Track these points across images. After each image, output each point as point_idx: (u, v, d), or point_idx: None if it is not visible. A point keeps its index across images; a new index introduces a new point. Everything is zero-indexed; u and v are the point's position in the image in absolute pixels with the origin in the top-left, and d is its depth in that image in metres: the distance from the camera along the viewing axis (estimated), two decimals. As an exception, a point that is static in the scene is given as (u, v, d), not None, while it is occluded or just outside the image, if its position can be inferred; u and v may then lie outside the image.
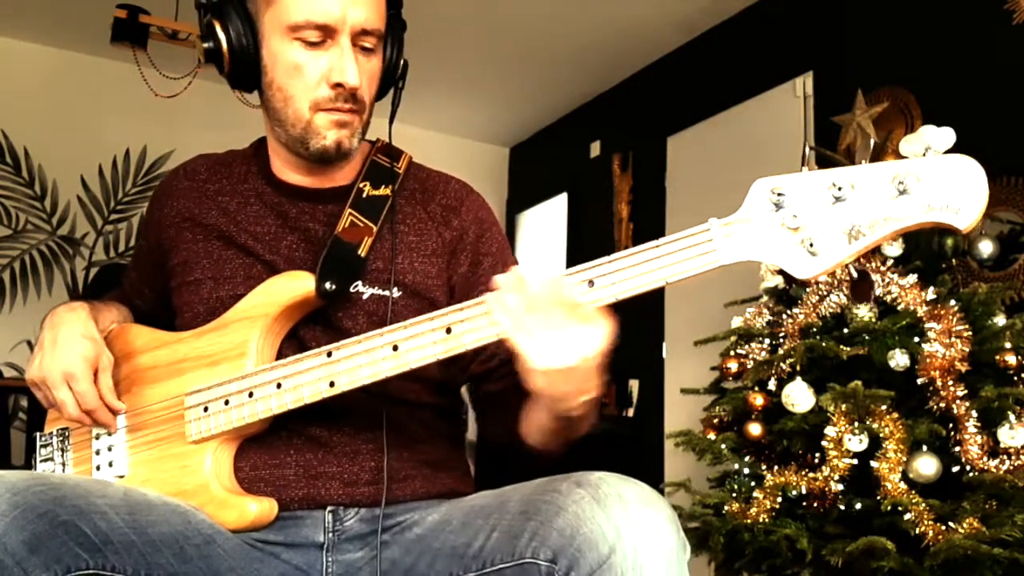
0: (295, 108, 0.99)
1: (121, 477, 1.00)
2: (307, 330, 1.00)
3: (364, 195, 1.04)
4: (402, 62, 1.07)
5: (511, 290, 0.78)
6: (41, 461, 1.09)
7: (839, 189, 0.70)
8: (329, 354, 0.90)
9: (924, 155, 0.58)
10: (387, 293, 1.00)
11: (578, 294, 0.77)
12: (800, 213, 0.71)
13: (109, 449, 1.02)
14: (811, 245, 0.71)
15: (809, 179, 0.72)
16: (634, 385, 4.20)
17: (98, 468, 1.02)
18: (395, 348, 0.86)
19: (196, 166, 1.13)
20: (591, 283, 0.78)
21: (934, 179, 0.68)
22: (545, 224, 5.37)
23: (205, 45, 1.00)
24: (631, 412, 4.17)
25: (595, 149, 4.88)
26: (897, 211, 0.69)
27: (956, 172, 0.67)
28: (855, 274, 0.70)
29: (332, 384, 0.89)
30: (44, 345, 0.99)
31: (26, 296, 4.44)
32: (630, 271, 0.77)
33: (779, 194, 0.72)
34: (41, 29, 4.37)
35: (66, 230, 4.57)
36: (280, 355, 0.97)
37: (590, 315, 0.77)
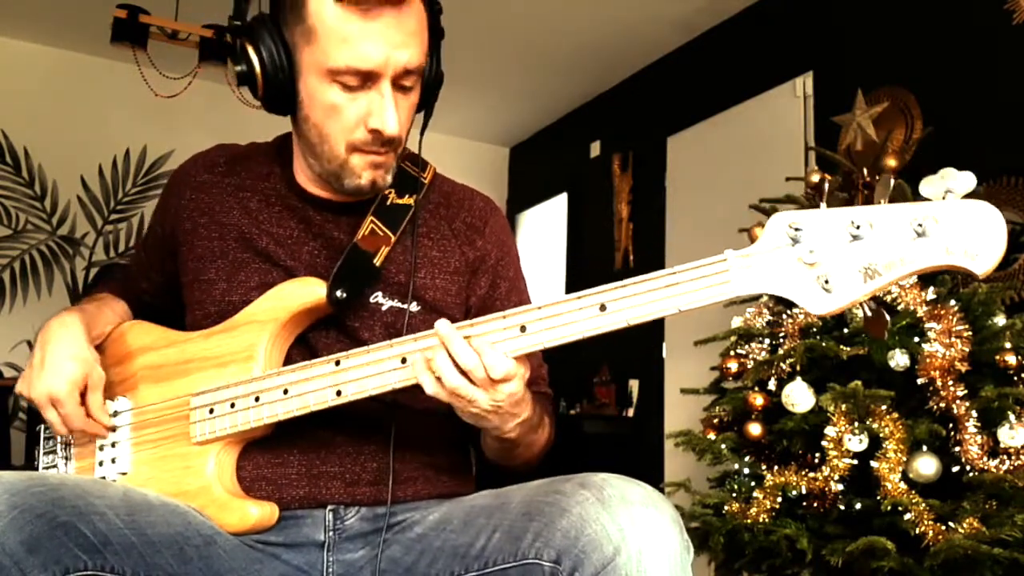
0: (331, 146, 0.95)
1: (124, 474, 1.00)
2: (320, 337, 0.99)
3: (388, 202, 1.03)
4: (435, 71, 1.02)
5: (438, 350, 0.83)
6: (44, 454, 1.09)
7: (857, 228, 0.70)
8: (337, 363, 0.90)
9: (944, 198, 0.59)
10: (406, 306, 1.00)
11: (503, 369, 0.81)
12: (817, 249, 0.72)
13: (113, 446, 1.02)
14: (826, 282, 0.71)
15: (828, 216, 0.72)
16: (634, 385, 4.20)
17: (101, 464, 1.02)
18: (403, 360, 0.87)
19: (215, 157, 1.10)
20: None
21: (953, 223, 0.68)
22: (545, 224, 5.37)
23: (237, 68, 0.95)
24: (631, 412, 4.17)
25: (595, 149, 4.89)
26: (915, 253, 0.69)
27: (975, 217, 0.67)
28: (869, 312, 0.70)
29: (339, 393, 0.89)
30: (34, 364, 0.98)
31: (26, 296, 4.44)
32: (644, 296, 0.78)
33: (796, 229, 0.72)
34: (41, 29, 4.38)
35: (66, 230, 4.57)
36: (291, 360, 0.97)
37: (512, 377, 0.82)
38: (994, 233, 0.67)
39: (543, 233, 5.38)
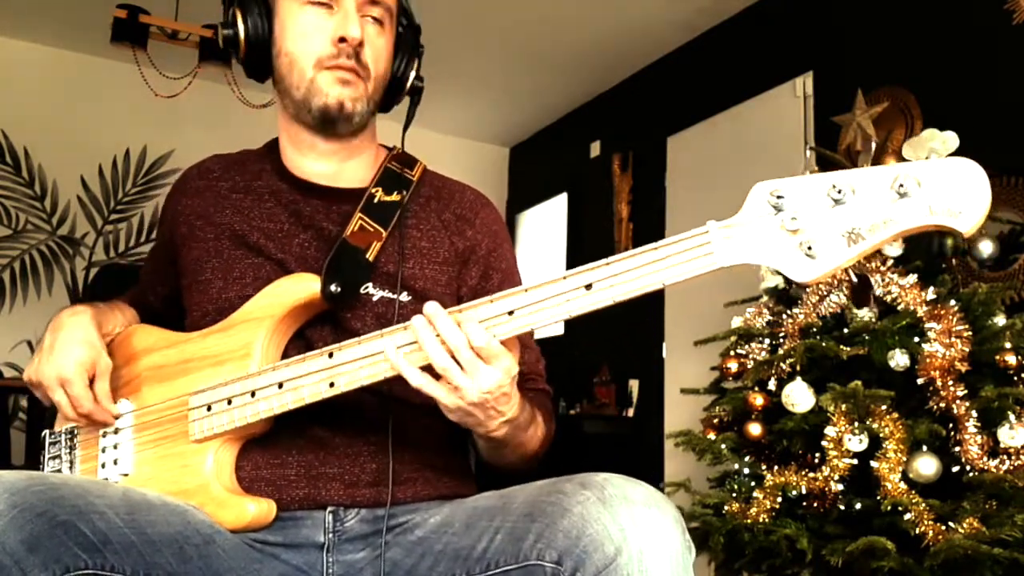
0: (299, 69, 1.02)
1: (126, 475, 1.01)
2: (315, 330, 1.00)
3: (375, 200, 1.05)
4: (412, 73, 1.12)
5: (425, 328, 0.83)
6: (50, 458, 1.10)
7: (839, 192, 0.69)
8: (330, 355, 0.90)
9: (927, 158, 0.58)
10: (396, 296, 1.01)
11: (484, 338, 0.81)
12: (799, 216, 0.71)
13: (115, 447, 1.03)
14: (810, 248, 0.70)
15: (809, 182, 0.71)
16: (634, 385, 4.20)
17: (103, 466, 1.03)
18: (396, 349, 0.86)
19: (210, 165, 1.15)
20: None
21: (935, 182, 0.66)
22: (545, 224, 5.37)
23: (224, 32, 1.05)
24: (631, 412, 4.17)
25: (595, 149, 4.89)
26: (897, 214, 0.68)
27: (958, 175, 0.66)
28: (855, 278, 0.69)
29: (332, 384, 0.89)
30: (44, 348, 1.00)
31: (26, 296, 4.44)
32: (629, 274, 0.77)
33: (778, 196, 0.72)
34: (41, 29, 4.38)
35: (66, 230, 4.57)
36: (286, 355, 0.97)
37: (494, 355, 0.82)
38: (977, 190, 0.65)
39: (543, 233, 5.38)
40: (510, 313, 0.82)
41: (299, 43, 1.02)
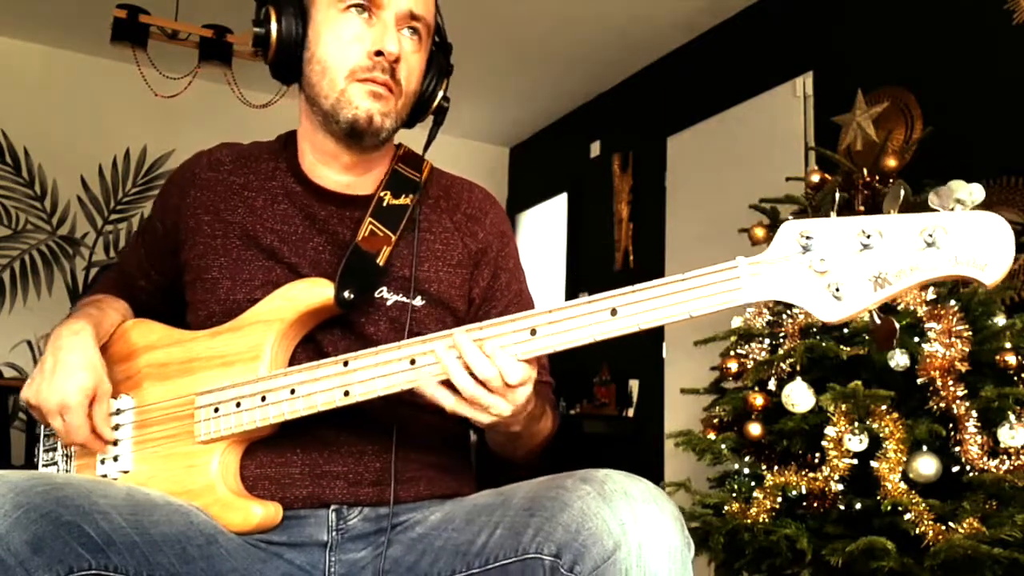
0: (331, 78, 1.00)
1: (125, 472, 1.00)
2: (326, 334, 1.00)
3: (384, 204, 1.05)
4: (440, 92, 1.10)
5: (452, 357, 0.83)
6: (45, 451, 1.09)
7: (867, 236, 0.72)
8: (346, 363, 0.90)
9: (952, 209, 0.62)
10: (410, 301, 1.01)
11: (508, 363, 0.82)
12: (828, 257, 0.73)
13: (115, 444, 1.02)
14: (837, 290, 0.72)
15: (838, 225, 0.73)
16: (634, 385, 4.21)
17: (103, 462, 1.02)
18: (412, 362, 0.86)
19: (220, 156, 1.11)
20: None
21: (962, 233, 0.70)
22: (545, 224, 5.37)
23: (256, 31, 1.02)
24: (631, 412, 4.17)
25: (595, 149, 4.89)
26: (924, 262, 0.70)
27: (984, 228, 0.69)
28: (878, 320, 0.72)
29: (347, 393, 0.89)
30: (44, 369, 0.97)
31: (26, 296, 4.44)
32: (655, 302, 0.78)
33: (807, 237, 0.74)
34: (41, 29, 4.38)
35: (66, 230, 4.57)
36: (296, 359, 0.97)
37: (518, 375, 0.82)
38: (1003, 244, 0.68)
39: (543, 233, 5.38)
40: (532, 332, 0.83)
41: (333, 51, 0.99)
